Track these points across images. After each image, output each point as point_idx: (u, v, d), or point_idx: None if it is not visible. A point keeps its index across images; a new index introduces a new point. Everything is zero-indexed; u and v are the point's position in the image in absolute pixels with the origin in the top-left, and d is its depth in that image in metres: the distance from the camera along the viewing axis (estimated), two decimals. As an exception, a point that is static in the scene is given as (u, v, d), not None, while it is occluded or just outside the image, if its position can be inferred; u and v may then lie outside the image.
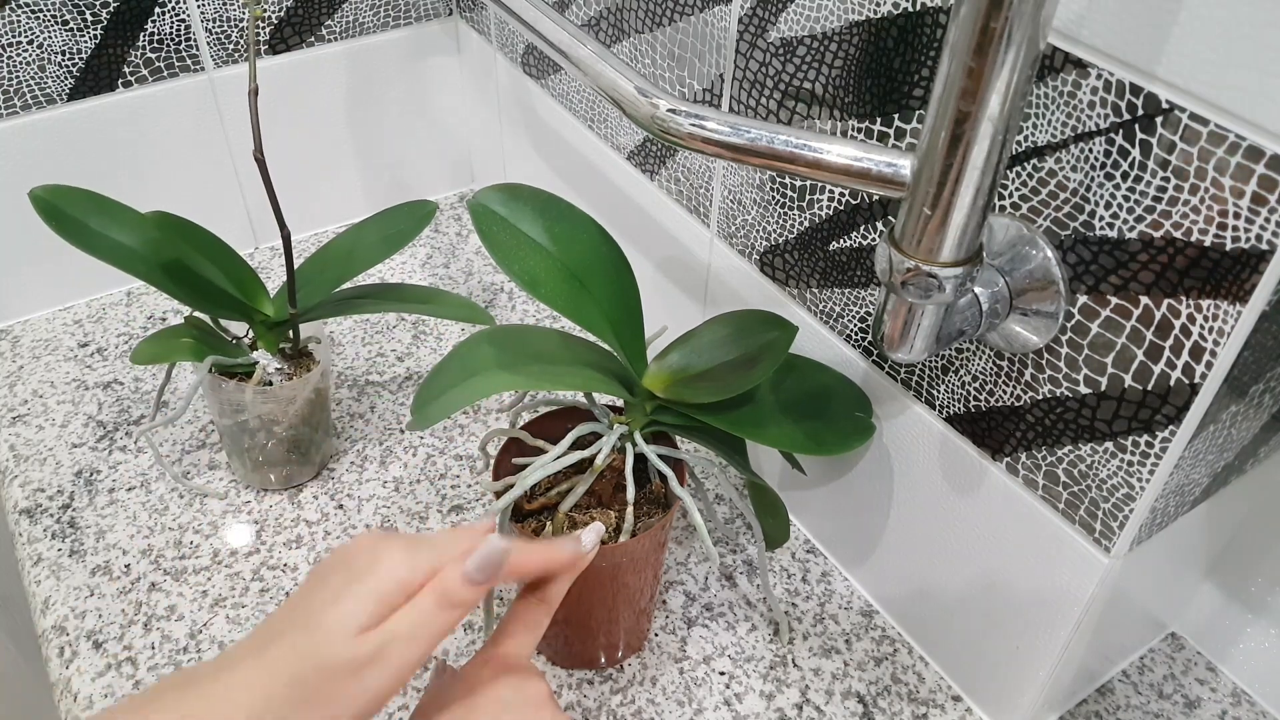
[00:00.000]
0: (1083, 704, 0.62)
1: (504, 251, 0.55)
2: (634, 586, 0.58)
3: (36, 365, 0.82)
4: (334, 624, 0.38)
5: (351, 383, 0.82)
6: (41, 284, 0.86)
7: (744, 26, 0.57)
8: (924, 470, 0.57)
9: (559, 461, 0.55)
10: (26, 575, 0.67)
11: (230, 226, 0.92)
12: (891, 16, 0.47)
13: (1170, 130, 0.38)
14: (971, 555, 0.56)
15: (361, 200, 0.99)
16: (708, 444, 0.56)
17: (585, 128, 0.79)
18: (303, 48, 0.87)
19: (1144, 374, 0.42)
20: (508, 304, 0.92)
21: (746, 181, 0.63)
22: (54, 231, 0.62)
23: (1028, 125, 0.43)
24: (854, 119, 0.52)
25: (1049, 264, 0.44)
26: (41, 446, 0.75)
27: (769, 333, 0.57)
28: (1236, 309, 0.38)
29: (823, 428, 0.56)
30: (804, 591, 0.67)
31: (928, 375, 0.54)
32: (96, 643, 0.63)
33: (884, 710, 0.61)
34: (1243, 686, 0.63)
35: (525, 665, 0.46)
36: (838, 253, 0.57)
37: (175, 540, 0.69)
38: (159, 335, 0.66)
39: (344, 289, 0.70)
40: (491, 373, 0.51)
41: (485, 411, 0.80)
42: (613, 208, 0.80)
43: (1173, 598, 0.62)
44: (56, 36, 0.76)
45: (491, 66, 0.91)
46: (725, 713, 0.60)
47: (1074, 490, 0.48)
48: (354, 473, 0.74)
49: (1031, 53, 0.34)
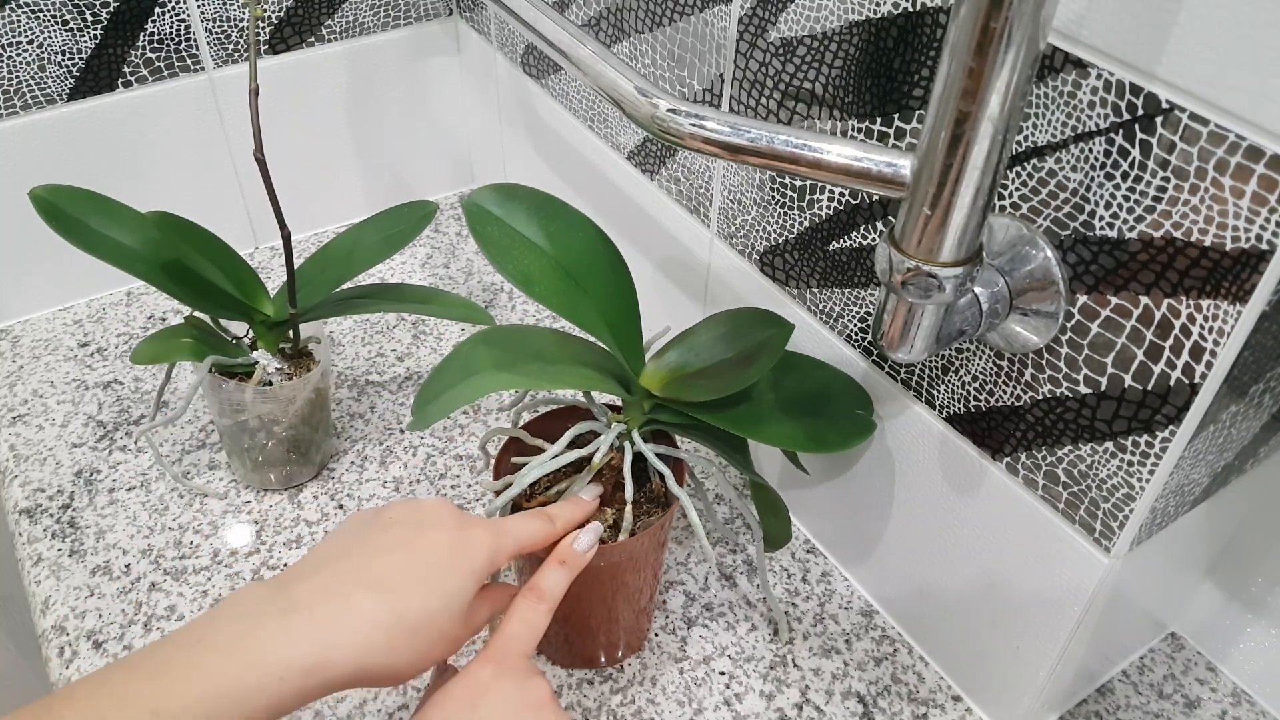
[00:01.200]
0: (1083, 704, 0.62)
1: (498, 251, 0.55)
2: (633, 586, 0.58)
3: (36, 365, 0.82)
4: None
5: (351, 383, 0.82)
6: (41, 284, 0.86)
7: (744, 26, 0.57)
8: (924, 470, 0.57)
9: (557, 460, 0.55)
10: (26, 575, 0.67)
11: (230, 226, 0.92)
12: (891, 16, 0.47)
13: (1170, 130, 0.38)
14: (971, 555, 0.56)
15: (361, 200, 0.99)
16: (707, 443, 0.56)
17: (585, 128, 0.79)
18: (303, 48, 0.87)
19: (1144, 374, 0.42)
20: (507, 304, 0.92)
21: (746, 181, 0.63)
22: (54, 231, 0.62)
23: (1028, 125, 0.43)
24: (854, 119, 0.52)
25: (1049, 264, 0.44)
26: (41, 446, 0.75)
27: (766, 330, 0.57)
28: (1236, 309, 0.38)
29: (823, 426, 0.56)
30: (804, 591, 0.67)
31: (928, 375, 0.54)
32: (96, 643, 0.63)
33: (884, 710, 0.61)
34: (1243, 686, 0.63)
35: (526, 665, 0.46)
36: (838, 253, 0.57)
37: (175, 540, 0.69)
38: (159, 335, 0.66)
39: (344, 289, 0.70)
40: (490, 372, 0.51)
41: (485, 411, 0.80)
42: (613, 208, 0.80)
43: (1173, 598, 0.62)
44: (56, 36, 0.76)
45: (491, 66, 0.91)
46: (725, 713, 0.60)
47: (1074, 490, 0.48)
48: (354, 473, 0.74)
49: (1031, 53, 0.34)
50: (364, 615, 0.41)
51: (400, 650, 0.42)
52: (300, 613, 0.41)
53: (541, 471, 0.55)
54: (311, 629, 0.40)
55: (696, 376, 0.56)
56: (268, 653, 0.39)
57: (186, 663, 0.39)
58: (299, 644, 0.40)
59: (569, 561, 0.50)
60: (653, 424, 0.57)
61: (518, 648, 0.46)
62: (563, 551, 0.50)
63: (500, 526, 0.48)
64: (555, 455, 0.55)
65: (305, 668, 0.40)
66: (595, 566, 0.52)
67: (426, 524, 0.45)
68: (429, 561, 0.44)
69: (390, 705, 0.60)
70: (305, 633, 0.40)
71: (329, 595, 0.42)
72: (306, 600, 0.41)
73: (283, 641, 0.40)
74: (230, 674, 0.39)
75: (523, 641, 0.46)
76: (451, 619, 0.44)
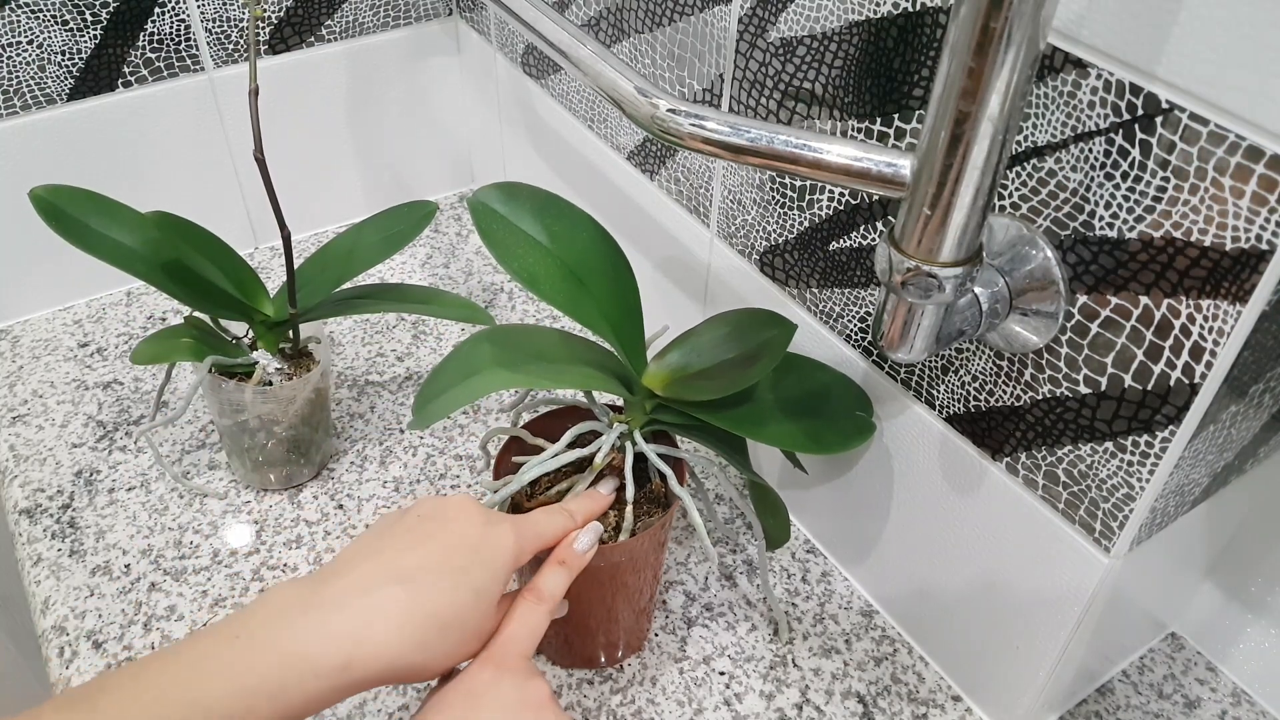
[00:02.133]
0: (1083, 704, 0.62)
1: (503, 249, 0.55)
2: (633, 586, 0.58)
3: (36, 365, 0.82)
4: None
5: (351, 383, 0.82)
6: (41, 284, 0.86)
7: (744, 26, 0.57)
8: (924, 470, 0.57)
9: (557, 459, 0.55)
10: (26, 575, 0.67)
11: (230, 226, 0.92)
12: (891, 16, 0.47)
13: (1170, 130, 0.38)
14: (971, 555, 0.56)
15: (361, 200, 0.99)
16: (708, 443, 0.56)
17: (585, 128, 0.79)
18: (303, 48, 0.87)
19: (1144, 374, 0.42)
20: (508, 304, 0.92)
21: (746, 181, 0.63)
22: (54, 231, 0.62)
23: (1028, 125, 0.43)
24: (854, 119, 0.52)
25: (1049, 264, 0.44)
26: (41, 446, 0.75)
27: (768, 331, 0.57)
28: (1236, 309, 0.38)
29: (823, 426, 0.56)
30: (804, 591, 0.67)
31: (928, 375, 0.54)
32: (96, 643, 0.63)
33: (884, 710, 0.61)
34: (1243, 686, 0.63)
35: (526, 666, 0.46)
36: (838, 253, 0.57)
37: (175, 540, 0.69)
38: (159, 335, 0.66)
39: (344, 289, 0.70)
40: (491, 372, 0.51)
41: (485, 411, 0.80)
42: (613, 208, 0.80)
43: (1173, 598, 0.62)
44: (56, 36, 0.76)
45: (491, 66, 0.91)
46: (725, 713, 0.60)
47: (1074, 490, 0.48)
48: (354, 473, 0.74)
49: (1031, 53, 0.34)
50: (396, 611, 0.42)
51: (432, 645, 0.43)
52: (334, 609, 0.42)
53: (541, 470, 0.55)
54: (345, 626, 0.41)
55: (698, 377, 0.56)
56: (302, 649, 0.40)
57: (222, 657, 0.40)
58: (333, 640, 0.41)
59: (569, 562, 0.50)
60: (654, 424, 0.57)
61: (517, 648, 0.46)
62: (563, 552, 0.50)
63: (523, 522, 0.49)
64: (555, 454, 0.55)
65: (339, 664, 0.40)
66: (595, 567, 0.52)
67: (452, 519, 0.46)
68: (457, 556, 0.45)
69: (390, 705, 0.60)
70: (339, 629, 0.41)
71: (361, 592, 0.42)
72: (339, 597, 0.42)
73: (317, 638, 0.41)
74: (266, 669, 0.39)
75: (522, 642, 0.46)
76: (481, 614, 0.45)
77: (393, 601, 0.42)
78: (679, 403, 0.56)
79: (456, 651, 0.45)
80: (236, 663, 0.40)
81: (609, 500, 0.55)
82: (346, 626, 0.41)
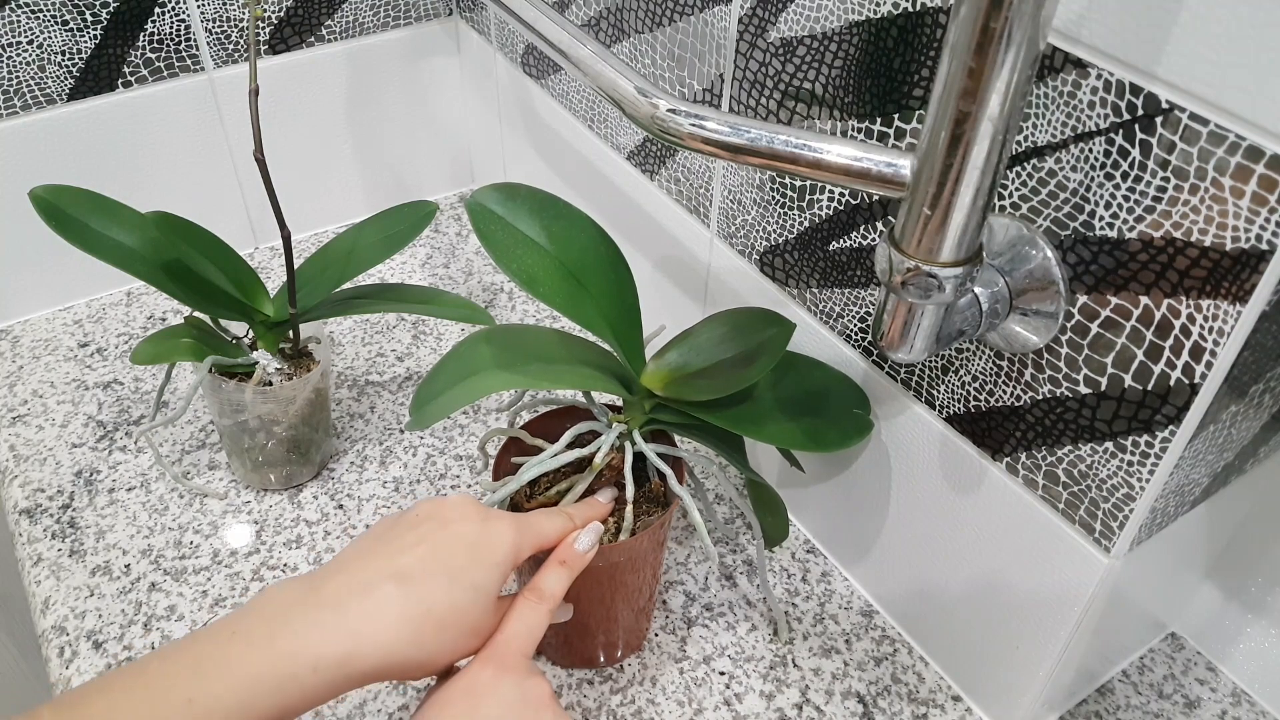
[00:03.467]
0: (1083, 704, 0.62)
1: (501, 250, 0.55)
2: (633, 586, 0.58)
3: (36, 365, 0.82)
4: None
5: (351, 383, 0.82)
6: (41, 284, 0.86)
7: (744, 26, 0.57)
8: (924, 470, 0.57)
9: (556, 459, 0.55)
10: (26, 575, 0.67)
11: (230, 226, 0.92)
12: (891, 16, 0.47)
13: (1170, 130, 0.38)
14: (971, 555, 0.56)
15: (361, 200, 0.99)
16: (707, 442, 0.56)
17: (585, 128, 0.79)
18: (303, 48, 0.87)
19: (1144, 374, 0.42)
20: (507, 304, 0.92)
21: (746, 181, 0.63)
22: (54, 231, 0.62)
23: (1028, 125, 0.43)
24: (854, 119, 0.52)
25: (1049, 264, 0.44)
26: (41, 446, 0.75)
27: (766, 330, 0.57)
28: (1236, 309, 0.38)
29: (822, 425, 0.56)
30: (804, 591, 0.67)
31: (928, 375, 0.54)
32: (96, 643, 0.63)
33: (884, 710, 0.61)
34: (1243, 686, 0.63)
35: (526, 665, 0.46)
36: (838, 253, 0.57)
37: (175, 540, 0.69)
38: (159, 335, 0.66)
39: (344, 289, 0.70)
40: (490, 372, 0.51)
41: (485, 411, 0.80)
42: (613, 208, 0.80)
43: (1173, 598, 0.62)
44: (56, 36, 0.76)
45: (491, 66, 0.91)
46: (725, 713, 0.60)
47: (1074, 490, 0.48)
48: (354, 473, 0.74)
49: (1031, 53, 0.34)
50: (392, 608, 0.43)
51: (428, 642, 0.43)
52: (331, 607, 0.42)
53: (540, 470, 0.55)
54: (342, 622, 0.42)
55: (697, 376, 0.56)
56: (300, 645, 0.41)
57: (221, 654, 0.40)
58: (330, 636, 0.41)
59: (569, 562, 0.50)
60: (653, 423, 0.57)
61: (517, 648, 0.46)
62: (563, 552, 0.50)
63: (522, 521, 0.49)
64: (555, 454, 0.55)
65: (337, 660, 0.41)
66: (595, 566, 0.52)
67: (450, 518, 0.46)
68: (454, 554, 0.45)
69: (390, 705, 0.60)
70: (336, 625, 0.42)
71: (358, 590, 0.43)
72: (337, 595, 0.43)
73: (315, 634, 0.41)
74: (264, 665, 0.40)
75: (523, 641, 0.46)
76: (480, 611, 0.45)
77: (390, 599, 0.43)
78: (678, 402, 0.56)
79: (455, 648, 0.45)
80: (234, 660, 0.40)
81: (608, 509, 0.55)
82: (344, 623, 0.42)
